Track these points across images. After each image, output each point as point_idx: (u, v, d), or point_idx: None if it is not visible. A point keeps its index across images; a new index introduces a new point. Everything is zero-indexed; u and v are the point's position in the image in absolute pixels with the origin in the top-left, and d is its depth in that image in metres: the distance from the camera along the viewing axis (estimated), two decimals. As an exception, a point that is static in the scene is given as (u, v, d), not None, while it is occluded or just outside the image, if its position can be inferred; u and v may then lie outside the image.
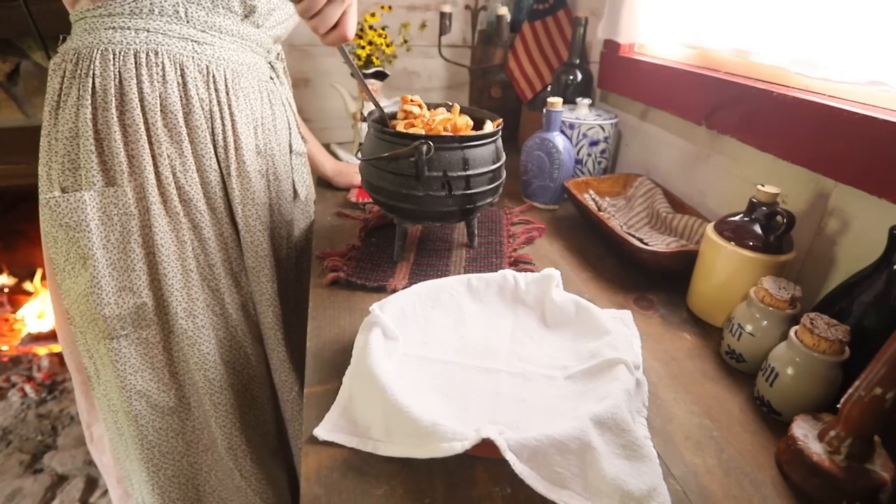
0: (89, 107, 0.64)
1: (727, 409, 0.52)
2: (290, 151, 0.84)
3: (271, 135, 0.79)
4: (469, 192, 0.69)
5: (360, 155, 0.72)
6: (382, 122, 0.72)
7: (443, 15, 1.13)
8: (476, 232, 0.79)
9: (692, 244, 0.75)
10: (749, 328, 0.55)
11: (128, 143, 0.66)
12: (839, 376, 0.48)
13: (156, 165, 0.68)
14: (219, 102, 0.71)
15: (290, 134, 0.84)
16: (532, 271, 0.67)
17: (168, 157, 0.68)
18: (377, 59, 1.10)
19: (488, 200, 0.73)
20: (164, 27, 0.65)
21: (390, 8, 1.20)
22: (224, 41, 0.70)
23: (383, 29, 1.11)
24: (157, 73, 0.66)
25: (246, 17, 0.71)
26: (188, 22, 0.66)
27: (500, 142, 0.73)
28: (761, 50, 0.72)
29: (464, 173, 0.67)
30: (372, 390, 0.47)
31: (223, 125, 0.72)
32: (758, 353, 0.55)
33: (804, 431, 0.45)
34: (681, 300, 0.69)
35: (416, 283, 0.64)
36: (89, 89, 0.63)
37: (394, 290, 0.68)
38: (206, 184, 0.72)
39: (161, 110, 0.67)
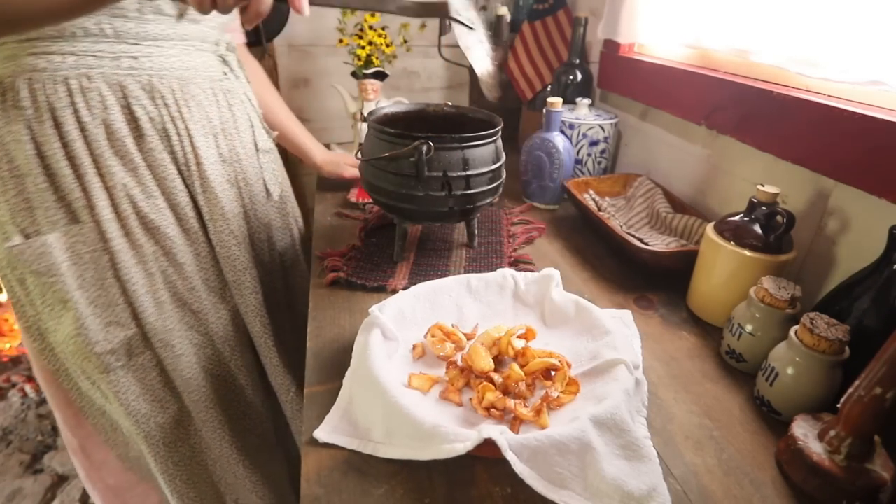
0: (30, 142, 0.59)
1: (727, 409, 0.52)
2: (256, 150, 0.80)
3: (235, 138, 0.75)
4: (469, 192, 0.69)
5: (360, 155, 0.72)
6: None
7: (443, 15, 1.13)
8: (476, 232, 0.79)
9: (692, 244, 0.75)
10: (749, 328, 0.55)
11: (79, 176, 0.61)
12: (839, 376, 0.48)
13: (112, 198, 0.63)
14: (171, 117, 0.66)
15: (254, 131, 0.80)
16: (532, 271, 0.67)
17: (124, 186, 0.64)
18: (377, 59, 1.10)
19: (488, 200, 0.73)
20: (93, 48, 0.59)
21: (390, 8, 1.20)
22: (163, 48, 0.64)
23: (383, 29, 1.11)
24: (95, 99, 0.60)
25: (181, 16, 0.65)
26: (118, 38, 0.60)
27: (500, 142, 0.73)
28: (761, 50, 0.72)
29: (464, 173, 0.67)
30: (372, 392, 0.47)
31: (180, 140, 0.67)
32: (758, 353, 0.55)
33: (804, 431, 0.45)
34: (681, 300, 0.69)
35: (416, 283, 0.64)
36: (23, 123, 0.58)
37: (394, 291, 0.68)
38: (175, 206, 0.69)
39: (107, 138, 0.62)
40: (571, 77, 1.09)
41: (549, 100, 0.90)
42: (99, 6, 0.52)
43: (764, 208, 0.59)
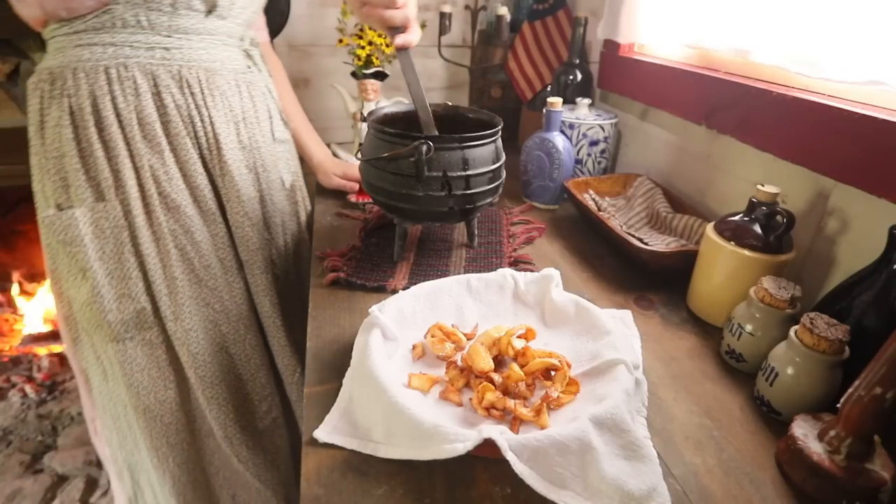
0: (70, 126, 0.65)
1: (727, 409, 0.52)
2: (273, 140, 0.85)
3: (255, 127, 0.80)
4: (469, 192, 0.69)
5: (360, 155, 0.72)
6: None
7: (443, 15, 1.13)
8: (476, 232, 0.79)
9: (692, 244, 0.75)
10: (749, 328, 0.55)
11: (110, 158, 0.67)
12: (839, 376, 0.48)
13: (139, 178, 0.69)
14: (196, 105, 0.71)
15: (272, 122, 0.85)
16: (532, 271, 0.67)
17: (150, 167, 0.69)
18: (377, 59, 1.10)
19: (488, 200, 0.73)
20: (130, 39, 0.66)
21: (390, 8, 1.20)
22: (192, 42, 0.70)
23: (383, 29, 1.11)
24: (130, 87, 0.66)
25: (209, 12, 0.71)
26: (152, 29, 0.67)
27: (500, 142, 0.73)
28: (761, 50, 0.72)
29: (464, 173, 0.67)
30: (372, 392, 0.47)
31: (203, 127, 0.72)
32: (758, 353, 0.55)
33: (804, 431, 0.45)
34: (681, 300, 0.69)
35: (416, 283, 0.64)
36: (66, 109, 0.65)
37: (394, 291, 0.68)
38: (194, 188, 0.74)
39: (138, 123, 0.68)
40: (571, 77, 1.09)
41: (549, 100, 0.90)
42: None
43: (764, 208, 0.59)
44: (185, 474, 0.83)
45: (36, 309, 1.98)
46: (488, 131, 0.69)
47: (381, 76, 1.11)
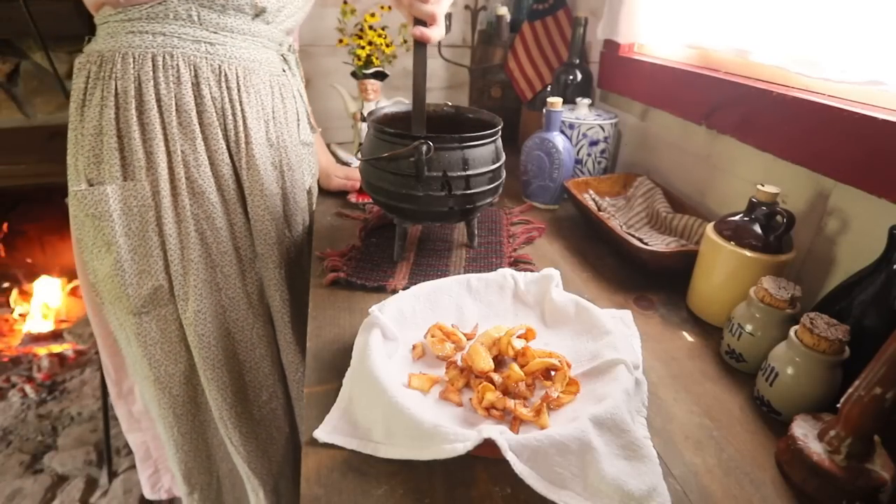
0: (112, 107, 0.69)
1: (727, 409, 0.52)
2: (300, 141, 0.88)
3: (283, 127, 0.83)
4: (469, 192, 0.69)
5: (359, 155, 0.72)
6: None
7: (443, 15, 1.13)
8: (476, 232, 0.79)
9: (692, 244, 0.75)
10: (749, 328, 0.55)
11: (145, 140, 0.71)
12: (839, 376, 0.48)
13: (170, 161, 0.72)
14: (230, 100, 0.74)
15: (299, 125, 0.88)
16: (532, 271, 0.67)
17: (182, 153, 0.73)
18: (377, 59, 1.10)
19: (488, 200, 0.73)
20: (179, 30, 0.70)
21: (390, 8, 1.20)
22: (236, 40, 0.74)
23: (383, 29, 1.11)
24: (173, 75, 0.70)
25: (256, 16, 0.75)
26: (201, 24, 0.70)
27: (499, 142, 0.73)
28: (761, 50, 0.72)
29: (463, 173, 0.67)
30: (372, 392, 0.47)
31: (234, 121, 0.75)
32: (758, 353, 0.55)
33: (804, 431, 0.45)
34: (681, 300, 0.69)
35: (416, 283, 0.64)
36: (112, 90, 0.69)
37: (394, 291, 0.68)
38: (219, 176, 0.77)
39: (176, 110, 0.71)
40: (571, 77, 1.09)
41: (549, 100, 0.90)
42: None
43: (764, 208, 0.59)
44: (188, 443, 0.87)
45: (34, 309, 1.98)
46: (488, 131, 0.69)
47: (381, 76, 1.11)
